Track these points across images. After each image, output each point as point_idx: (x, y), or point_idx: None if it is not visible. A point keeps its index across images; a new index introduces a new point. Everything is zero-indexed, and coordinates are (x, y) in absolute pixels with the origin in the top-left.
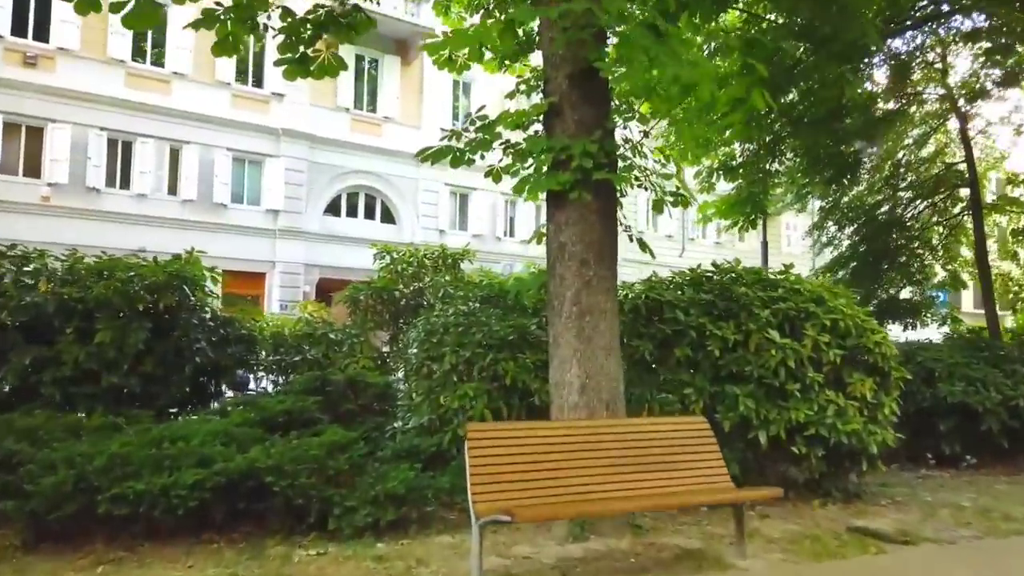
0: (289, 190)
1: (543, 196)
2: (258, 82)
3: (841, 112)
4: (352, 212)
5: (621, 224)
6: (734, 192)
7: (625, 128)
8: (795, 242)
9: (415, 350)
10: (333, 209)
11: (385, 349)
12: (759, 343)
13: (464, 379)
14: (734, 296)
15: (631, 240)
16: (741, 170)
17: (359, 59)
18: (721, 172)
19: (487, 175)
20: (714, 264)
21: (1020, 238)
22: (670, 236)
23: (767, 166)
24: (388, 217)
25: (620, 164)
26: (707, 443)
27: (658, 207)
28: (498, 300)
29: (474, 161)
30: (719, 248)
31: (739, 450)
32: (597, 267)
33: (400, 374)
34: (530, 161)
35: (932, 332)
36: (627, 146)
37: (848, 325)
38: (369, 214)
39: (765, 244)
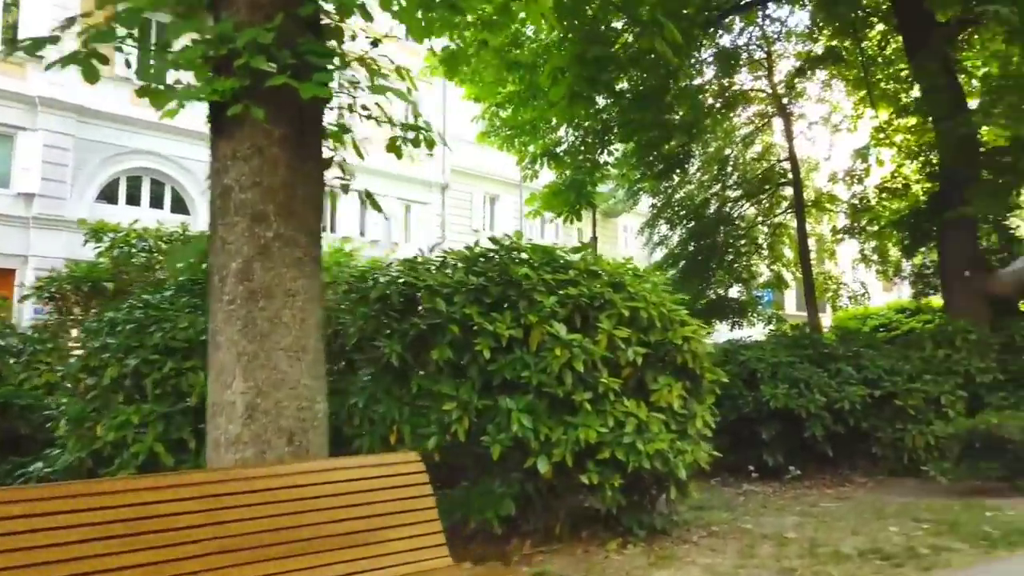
0: (48, 171)
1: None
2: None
3: (671, 105)
4: (133, 200)
5: (343, 172)
6: (557, 180)
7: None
8: (632, 244)
9: (73, 360)
10: (109, 195)
11: None
12: (542, 340)
13: (135, 398)
14: (513, 279)
15: (346, 192)
16: (567, 157)
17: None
18: (545, 158)
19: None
20: (493, 239)
21: (839, 237)
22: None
23: (595, 155)
24: (180, 206)
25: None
26: (420, 495)
27: (393, 148)
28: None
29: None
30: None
31: (516, 481)
32: (282, 225)
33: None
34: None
35: (758, 333)
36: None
37: (652, 316)
38: (156, 202)
39: (595, 239)
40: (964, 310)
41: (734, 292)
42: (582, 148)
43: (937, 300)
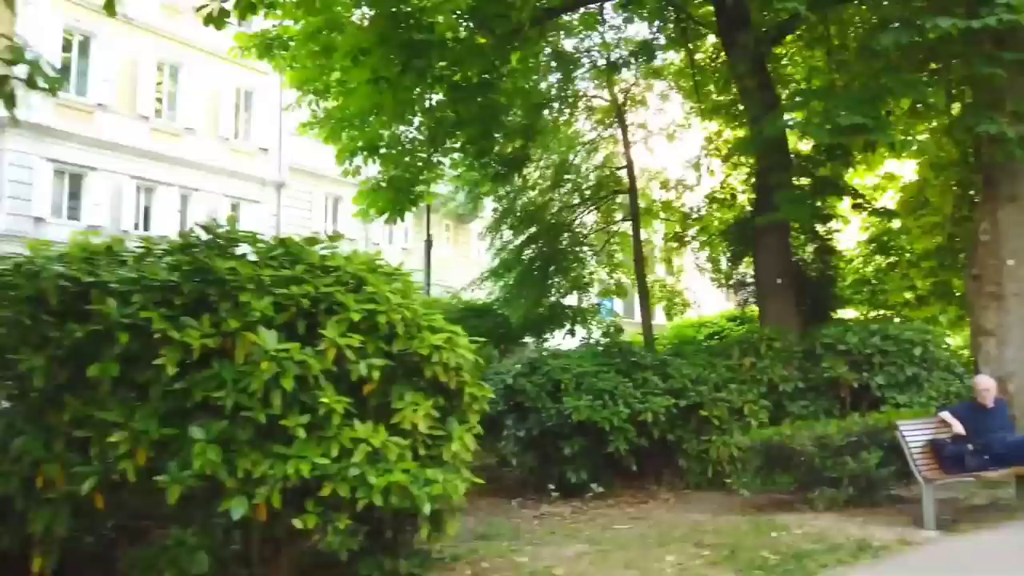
0: None
1: None
2: None
3: (505, 105)
4: None
5: None
6: (376, 177)
7: None
8: (484, 251)
9: None
10: None
11: None
12: (249, 352)
13: None
14: (216, 275)
15: None
16: (392, 152)
17: None
18: (366, 153)
19: None
20: (202, 226)
21: (673, 244)
22: (353, 240)
23: (428, 153)
24: None
25: None
26: None
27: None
28: None
29: None
30: (407, 255)
31: (217, 529)
32: None
33: None
34: None
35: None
36: None
37: (393, 321)
38: None
39: (429, 242)
40: (777, 318)
41: (574, 300)
42: (410, 144)
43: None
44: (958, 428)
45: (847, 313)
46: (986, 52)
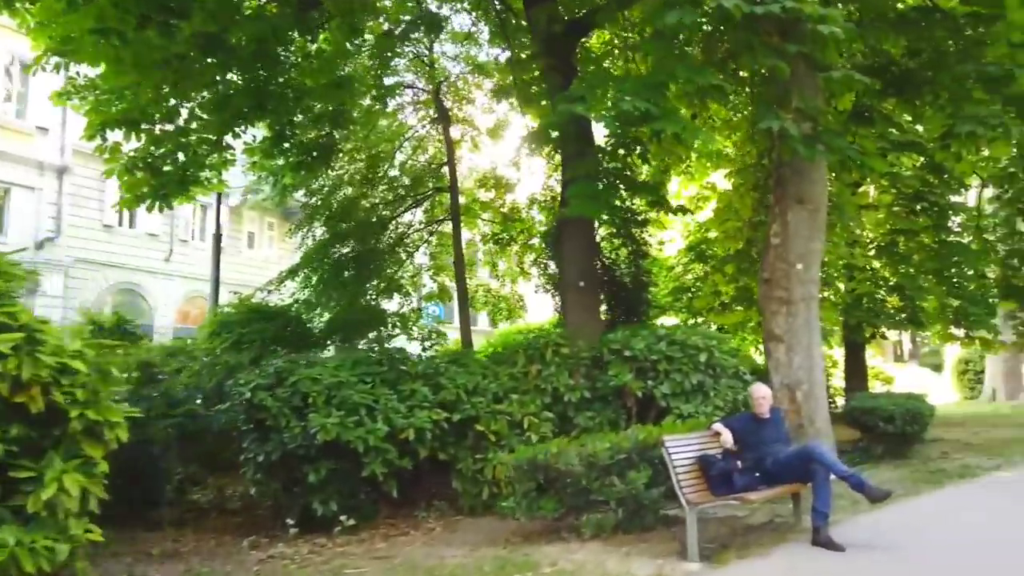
0: None
1: None
2: None
3: (312, 89)
4: None
5: None
6: (132, 154)
7: None
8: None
9: None
10: None
11: None
12: None
13: None
14: None
15: None
16: (166, 130)
17: None
18: (124, 126)
19: None
20: None
21: (494, 247)
22: (154, 235)
23: (215, 135)
24: None
25: None
26: None
27: None
28: None
29: None
30: (224, 254)
31: None
32: None
33: None
34: None
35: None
36: None
37: None
38: None
39: (218, 237)
40: (579, 323)
41: (395, 304)
42: (192, 122)
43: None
44: (727, 440)
45: (670, 321)
46: (773, 43)
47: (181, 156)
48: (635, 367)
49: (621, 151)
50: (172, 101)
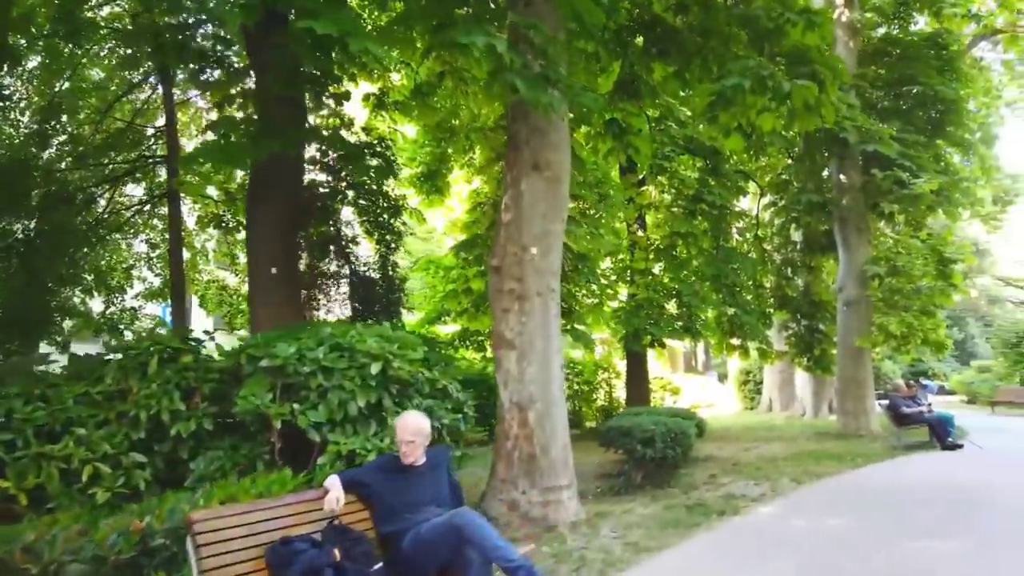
0: None
1: None
2: None
3: None
4: None
5: None
6: None
7: None
8: None
9: None
10: None
11: None
12: None
13: None
14: None
15: None
16: None
17: None
18: None
19: None
20: None
21: (207, 227)
22: None
23: None
24: None
25: None
26: None
27: None
28: None
29: None
30: None
31: None
32: None
33: None
34: None
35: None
36: None
37: None
38: None
39: None
40: (271, 323)
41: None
42: None
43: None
44: (331, 502)
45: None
46: None
47: None
48: (282, 383)
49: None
50: None
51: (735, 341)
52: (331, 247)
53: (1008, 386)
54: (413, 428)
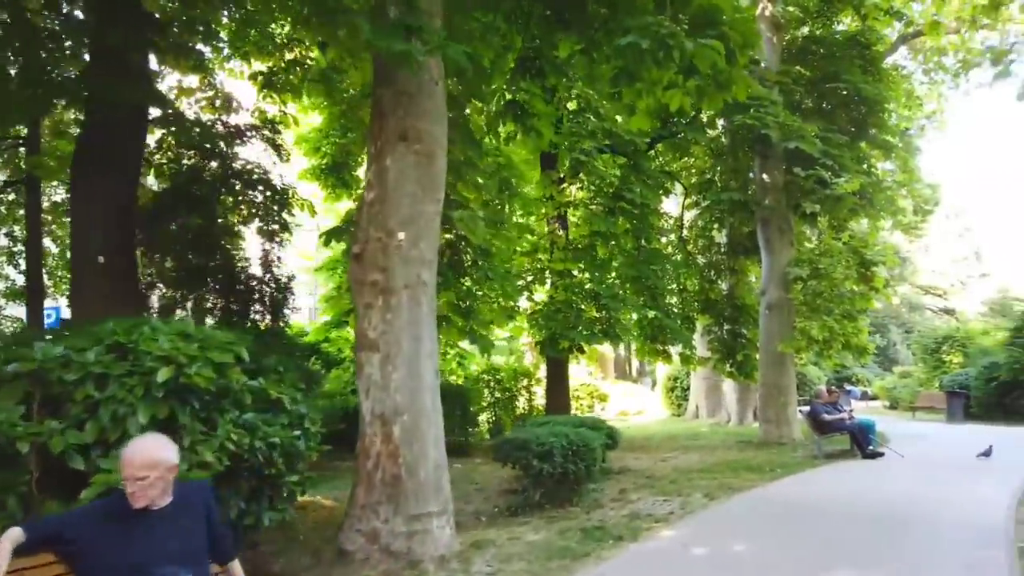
0: None
1: None
2: None
3: None
4: None
5: None
6: None
7: None
8: None
9: None
10: None
11: None
12: None
13: None
14: None
15: None
16: None
17: None
18: None
19: None
20: None
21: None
22: None
23: None
24: None
25: None
26: None
27: None
28: None
29: None
30: None
31: None
32: None
33: None
34: None
35: None
36: None
37: None
38: None
39: None
40: (89, 318)
41: None
42: None
43: None
44: None
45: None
46: None
47: None
48: (41, 394)
49: None
50: None
51: (657, 346)
52: (204, 240)
53: (928, 391)
54: (143, 461)
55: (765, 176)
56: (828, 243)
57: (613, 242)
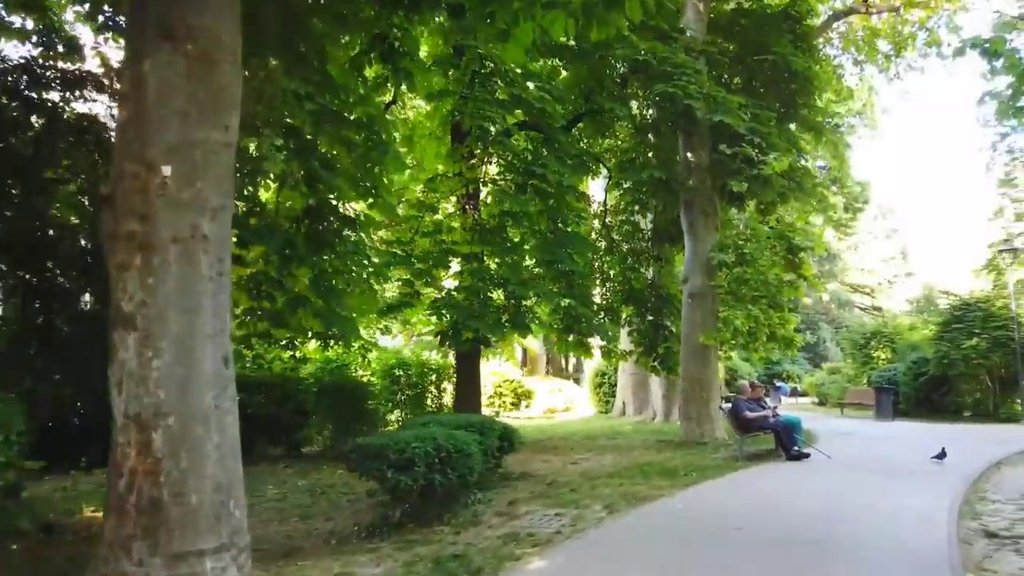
0: None
1: None
2: None
3: None
4: None
5: None
6: None
7: None
8: None
9: None
10: None
11: None
12: None
13: None
14: None
15: None
16: None
17: None
18: None
19: None
20: None
21: None
22: None
23: None
24: None
25: None
26: None
27: None
28: None
29: None
30: None
31: None
32: None
33: None
34: None
35: None
36: None
37: None
38: None
39: None
40: None
41: None
42: None
43: None
44: None
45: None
46: None
47: None
48: None
49: None
50: None
51: (576, 338)
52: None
53: (856, 388)
54: None
55: (690, 155)
56: (754, 227)
57: (526, 223)
